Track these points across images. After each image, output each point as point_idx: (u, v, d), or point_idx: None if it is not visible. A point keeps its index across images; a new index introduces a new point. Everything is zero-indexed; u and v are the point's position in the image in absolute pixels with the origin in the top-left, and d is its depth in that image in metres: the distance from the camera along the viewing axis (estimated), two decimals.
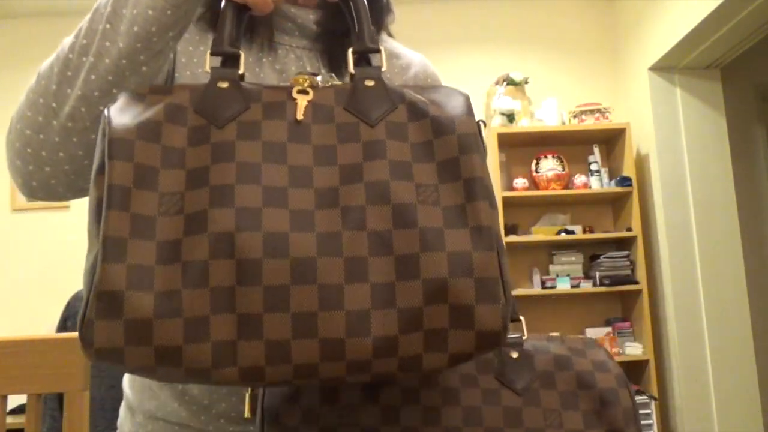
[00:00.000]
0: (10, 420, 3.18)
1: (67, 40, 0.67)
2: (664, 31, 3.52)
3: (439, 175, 0.53)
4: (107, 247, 0.46)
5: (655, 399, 3.51)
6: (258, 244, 0.47)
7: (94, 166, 0.51)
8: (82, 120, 0.64)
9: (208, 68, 0.55)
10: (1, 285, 3.97)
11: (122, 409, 0.83)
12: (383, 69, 0.57)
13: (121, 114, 0.52)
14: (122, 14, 0.62)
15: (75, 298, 2.01)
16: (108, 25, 0.63)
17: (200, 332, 0.46)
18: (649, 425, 3.48)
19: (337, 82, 0.58)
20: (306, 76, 0.56)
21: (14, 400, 3.45)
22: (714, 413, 3.48)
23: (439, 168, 0.53)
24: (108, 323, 0.45)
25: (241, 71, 0.56)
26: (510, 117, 3.80)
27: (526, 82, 3.93)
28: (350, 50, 0.58)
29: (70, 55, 0.65)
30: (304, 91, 0.55)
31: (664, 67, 3.72)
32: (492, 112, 3.87)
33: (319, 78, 0.58)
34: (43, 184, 0.68)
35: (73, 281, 3.86)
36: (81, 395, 0.94)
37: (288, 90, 0.55)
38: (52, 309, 3.79)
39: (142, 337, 0.46)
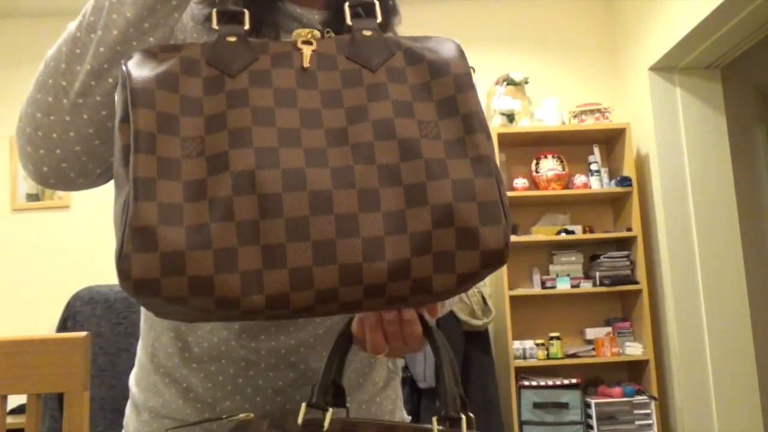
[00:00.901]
0: (10, 420, 3.18)
1: (73, 24, 0.68)
2: (664, 31, 3.52)
3: (439, 112, 0.58)
4: (138, 187, 0.50)
5: (655, 399, 3.51)
6: (277, 179, 0.51)
7: (117, 117, 0.55)
8: (93, 94, 0.66)
9: (215, 25, 0.59)
10: (1, 285, 3.97)
11: (128, 408, 0.84)
12: (378, 20, 0.62)
13: (139, 68, 0.55)
14: None
15: (75, 298, 2.01)
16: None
17: (229, 262, 0.50)
18: (649, 425, 3.48)
19: (328, 32, 0.62)
20: (309, 31, 0.60)
21: (14, 400, 3.45)
22: (714, 413, 3.48)
23: (438, 106, 0.58)
24: (144, 256, 0.49)
25: (246, 27, 0.59)
26: (510, 117, 3.80)
27: (526, 82, 3.93)
28: (347, 4, 0.62)
29: (78, 34, 0.67)
30: (308, 42, 0.59)
31: (664, 67, 3.72)
32: (492, 112, 3.87)
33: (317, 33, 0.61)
34: (54, 168, 0.68)
35: (73, 281, 3.86)
36: (81, 395, 0.94)
37: (292, 42, 0.59)
38: (52, 309, 3.79)
39: (177, 267, 0.49)
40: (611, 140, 3.99)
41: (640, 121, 3.86)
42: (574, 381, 3.51)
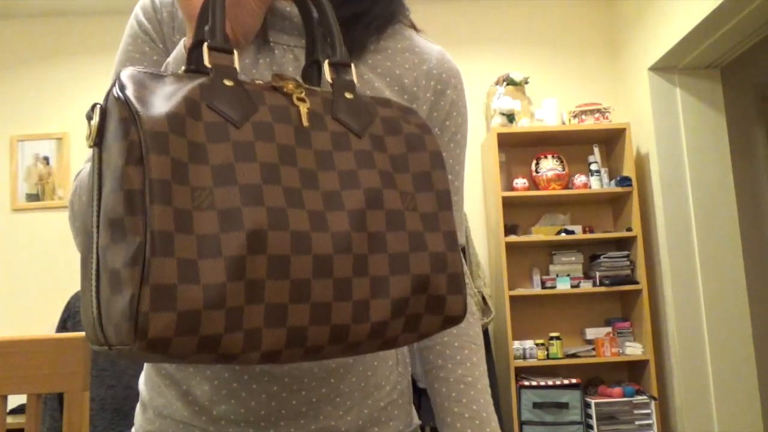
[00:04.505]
0: (10, 420, 3.18)
1: (72, 187, 0.72)
2: (664, 31, 3.52)
3: (415, 184, 0.62)
4: (156, 242, 0.48)
5: (655, 399, 3.51)
6: (287, 241, 0.52)
7: (121, 156, 0.50)
8: None
9: (207, 62, 0.56)
10: (1, 285, 3.97)
11: (138, 405, 0.85)
12: (357, 84, 0.63)
13: (143, 104, 0.51)
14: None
15: (75, 298, 2.01)
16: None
17: (237, 321, 0.51)
18: (649, 425, 3.48)
19: (307, 86, 0.62)
20: (293, 82, 0.59)
21: (14, 400, 3.45)
22: (714, 413, 3.48)
23: (414, 179, 0.62)
24: (163, 315, 0.48)
25: (236, 66, 0.57)
26: (510, 117, 3.80)
27: (526, 82, 3.93)
28: (326, 62, 0.62)
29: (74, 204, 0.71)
30: (302, 99, 0.59)
31: (664, 67, 3.72)
32: (492, 112, 3.87)
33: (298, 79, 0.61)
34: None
35: (73, 281, 3.86)
36: (81, 395, 0.94)
37: (283, 93, 0.59)
38: (52, 309, 3.78)
39: (192, 327, 0.49)
40: (611, 140, 3.99)
41: (640, 121, 3.86)
42: (574, 381, 3.51)
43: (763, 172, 4.11)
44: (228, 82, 0.56)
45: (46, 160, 4.08)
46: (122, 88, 0.52)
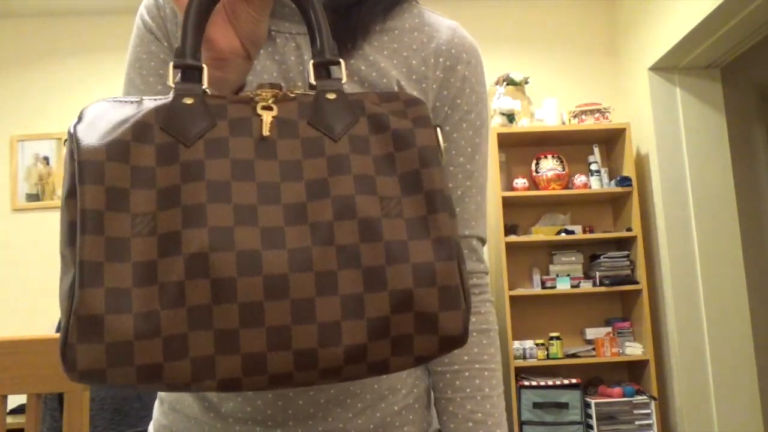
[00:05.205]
0: (10, 420, 3.18)
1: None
2: (664, 31, 3.52)
3: (402, 187, 0.55)
4: (84, 272, 0.48)
5: (655, 399, 3.51)
6: (231, 263, 0.49)
7: (64, 189, 0.51)
8: None
9: (171, 83, 0.55)
10: (1, 285, 3.97)
11: (156, 399, 0.86)
12: (344, 80, 0.58)
13: (89, 132, 0.52)
14: None
15: None
16: None
17: (179, 350, 0.48)
18: (649, 425, 3.48)
19: (300, 91, 0.58)
20: (270, 91, 0.57)
21: (14, 400, 3.45)
22: (714, 413, 3.48)
23: (402, 180, 0.55)
24: (90, 347, 0.47)
25: (204, 86, 0.56)
26: (510, 117, 3.80)
27: (526, 82, 3.93)
28: (311, 62, 0.58)
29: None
30: (268, 107, 0.55)
31: (664, 67, 3.72)
32: (492, 112, 3.87)
33: (283, 86, 0.57)
34: None
35: None
36: (81, 395, 0.94)
37: (252, 105, 0.56)
38: (52, 309, 3.79)
39: (124, 357, 0.48)
40: (611, 140, 3.99)
41: (640, 121, 3.86)
42: (574, 381, 3.51)
43: (763, 172, 4.11)
44: (188, 100, 0.54)
45: (46, 160, 4.08)
46: (77, 121, 0.53)
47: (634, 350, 3.66)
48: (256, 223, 0.51)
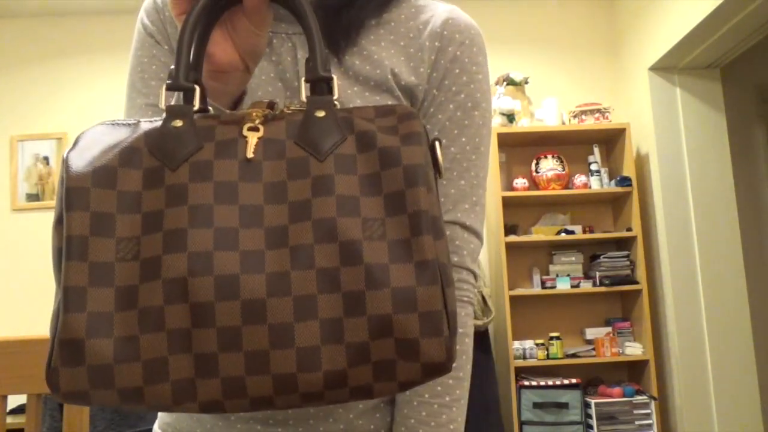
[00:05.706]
0: (10, 420, 3.18)
1: None
2: (664, 31, 3.52)
3: (386, 208, 0.53)
4: (68, 298, 0.49)
5: (655, 399, 3.51)
6: (210, 287, 0.49)
7: (54, 215, 0.53)
8: None
9: (163, 105, 0.56)
10: (1, 285, 3.97)
11: None
12: (335, 96, 0.57)
13: (81, 157, 0.53)
14: None
15: None
16: None
17: (159, 373, 0.49)
18: (649, 425, 3.48)
19: (297, 107, 0.57)
20: (259, 110, 0.56)
21: (14, 400, 3.45)
22: (714, 413, 3.48)
23: (386, 201, 0.54)
24: (72, 370, 0.49)
25: (196, 107, 0.56)
26: (510, 117, 3.80)
27: (526, 82, 3.93)
28: (303, 79, 0.57)
29: None
30: (254, 128, 0.55)
31: (664, 67, 3.72)
32: (492, 112, 3.87)
33: (278, 101, 0.57)
34: None
35: None
36: None
37: (241, 126, 0.55)
38: (52, 309, 3.78)
39: (105, 380, 0.49)
40: (611, 140, 3.99)
41: (640, 121, 3.86)
42: (574, 381, 3.51)
43: (763, 172, 4.11)
44: (177, 123, 0.54)
45: (46, 160, 4.08)
46: (72, 147, 0.54)
47: (634, 350, 3.66)
48: (237, 247, 0.51)
